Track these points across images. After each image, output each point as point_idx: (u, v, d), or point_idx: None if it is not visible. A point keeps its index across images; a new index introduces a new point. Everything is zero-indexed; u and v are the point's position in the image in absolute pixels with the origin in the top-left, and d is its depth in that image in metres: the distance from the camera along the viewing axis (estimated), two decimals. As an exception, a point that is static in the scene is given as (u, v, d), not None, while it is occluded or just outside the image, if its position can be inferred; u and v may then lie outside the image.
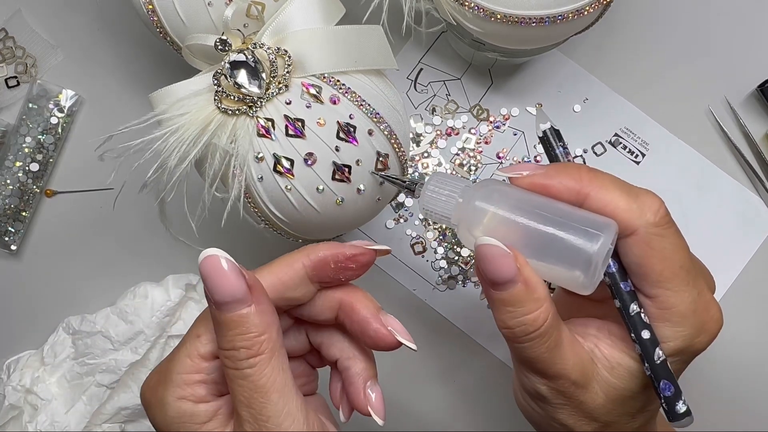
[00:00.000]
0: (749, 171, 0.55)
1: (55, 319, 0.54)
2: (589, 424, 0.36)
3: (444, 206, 0.35)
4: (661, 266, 0.33)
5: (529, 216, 0.33)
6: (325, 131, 0.38)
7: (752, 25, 0.56)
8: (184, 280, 0.53)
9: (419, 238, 0.55)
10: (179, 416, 0.32)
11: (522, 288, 0.33)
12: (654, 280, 0.33)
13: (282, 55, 0.39)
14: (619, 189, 0.33)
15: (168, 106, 0.39)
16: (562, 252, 0.32)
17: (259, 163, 0.38)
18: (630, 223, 0.33)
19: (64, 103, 0.56)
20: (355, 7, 0.43)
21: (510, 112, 0.56)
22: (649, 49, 0.56)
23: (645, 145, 0.56)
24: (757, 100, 0.56)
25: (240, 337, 0.30)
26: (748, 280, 0.54)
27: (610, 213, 0.33)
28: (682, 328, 0.34)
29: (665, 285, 0.33)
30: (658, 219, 0.33)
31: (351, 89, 0.39)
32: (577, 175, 0.34)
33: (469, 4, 0.43)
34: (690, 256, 0.34)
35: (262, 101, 0.38)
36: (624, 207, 0.33)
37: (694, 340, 0.34)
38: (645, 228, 0.32)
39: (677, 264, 0.33)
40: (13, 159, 0.55)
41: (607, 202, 0.33)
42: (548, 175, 0.34)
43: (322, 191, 0.39)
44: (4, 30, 0.57)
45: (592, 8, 0.43)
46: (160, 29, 0.44)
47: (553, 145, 0.37)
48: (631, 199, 0.33)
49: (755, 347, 0.55)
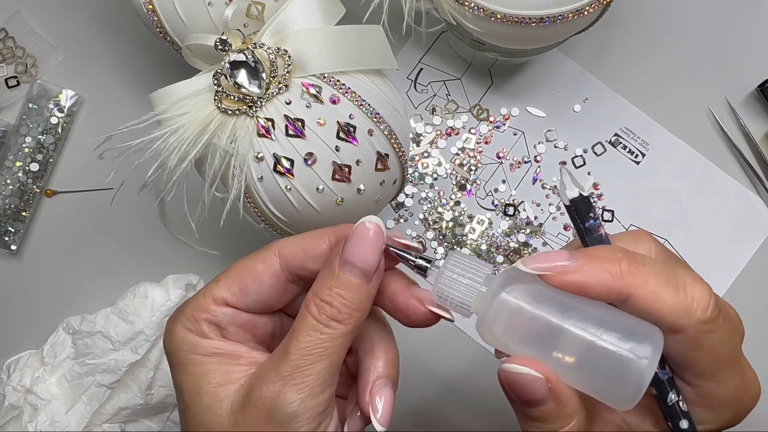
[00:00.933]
0: (749, 171, 0.55)
1: (55, 319, 0.54)
2: None
3: (464, 294, 0.31)
4: (709, 361, 0.30)
5: (564, 317, 0.29)
6: (325, 131, 0.38)
7: (752, 25, 0.56)
8: (184, 280, 0.53)
9: (419, 238, 0.55)
10: (182, 344, 0.33)
11: (553, 406, 0.30)
12: (699, 372, 0.31)
13: (282, 55, 0.39)
14: (665, 284, 0.29)
15: (168, 106, 0.39)
16: (602, 365, 0.29)
17: (259, 163, 0.38)
18: (678, 323, 0.29)
19: (64, 103, 0.56)
20: (355, 7, 0.43)
21: (510, 112, 0.56)
22: (649, 49, 0.56)
23: (645, 145, 0.56)
24: (757, 100, 0.56)
25: (341, 299, 0.31)
26: (748, 280, 0.54)
27: (656, 313, 0.29)
28: (722, 414, 0.32)
29: (711, 377, 0.31)
30: (708, 315, 0.29)
31: (351, 89, 0.39)
32: (617, 271, 0.29)
33: (469, 4, 0.43)
34: (736, 341, 0.32)
35: (262, 101, 0.38)
36: (671, 306, 0.29)
37: (732, 422, 0.32)
38: (694, 327, 0.29)
39: (726, 356, 0.31)
40: (13, 159, 0.55)
41: (652, 302, 0.29)
42: (584, 272, 0.29)
43: (322, 191, 0.39)
44: (4, 30, 0.57)
45: (592, 8, 0.43)
46: (160, 29, 0.44)
47: (584, 217, 0.32)
48: (679, 296, 0.29)
49: (755, 347, 0.55)
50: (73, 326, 0.53)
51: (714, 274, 0.55)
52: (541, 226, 0.55)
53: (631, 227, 0.55)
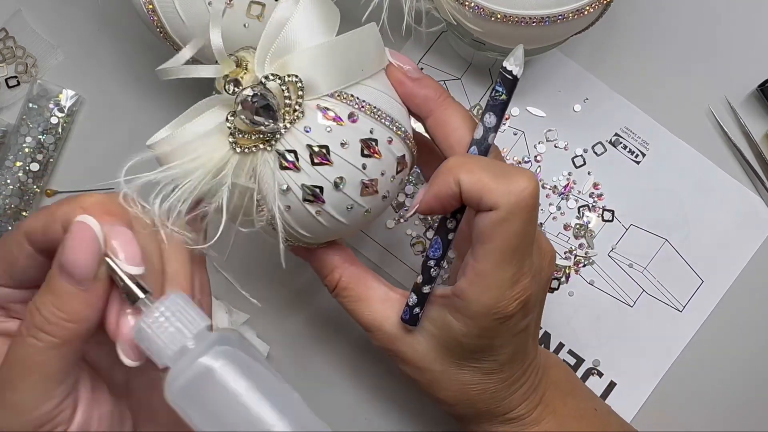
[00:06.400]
0: (749, 171, 0.55)
1: (55, 319, 0.54)
2: (418, 372, 0.42)
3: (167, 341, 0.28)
4: (501, 241, 0.36)
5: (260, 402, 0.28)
6: (350, 153, 0.37)
7: (752, 26, 0.56)
8: (184, 280, 0.52)
9: (419, 238, 0.55)
10: None
11: None
12: (488, 249, 0.37)
13: (292, 83, 0.36)
14: (489, 171, 0.36)
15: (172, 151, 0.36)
16: None
17: (285, 195, 0.37)
18: (496, 201, 0.35)
19: (64, 103, 0.56)
20: (355, 7, 0.43)
21: (510, 112, 0.56)
22: (650, 49, 0.56)
23: (645, 145, 0.56)
24: (757, 100, 0.56)
25: (51, 307, 0.28)
26: (748, 280, 0.54)
27: (480, 190, 0.36)
28: (486, 296, 0.37)
29: (492, 257, 0.37)
30: (521, 198, 0.35)
31: (366, 102, 0.38)
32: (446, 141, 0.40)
33: (469, 4, 0.43)
34: (529, 241, 0.37)
35: (281, 133, 0.36)
36: (492, 186, 0.36)
37: (490, 309, 0.38)
38: (507, 206, 0.35)
39: (514, 245, 0.36)
40: (14, 159, 0.55)
41: (475, 180, 0.36)
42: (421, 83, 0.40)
43: (351, 208, 0.38)
44: (5, 30, 0.57)
45: (592, 8, 0.43)
46: (160, 29, 0.44)
47: (507, 90, 0.38)
48: (500, 181, 0.36)
49: (755, 347, 0.55)
50: (73, 326, 0.53)
51: (714, 274, 0.55)
52: (542, 225, 0.55)
53: (632, 227, 0.55)
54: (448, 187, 0.37)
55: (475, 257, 0.37)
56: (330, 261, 0.42)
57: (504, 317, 0.38)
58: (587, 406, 0.46)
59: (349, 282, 0.42)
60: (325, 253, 0.43)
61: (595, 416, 0.46)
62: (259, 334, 0.53)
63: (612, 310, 0.54)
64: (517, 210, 0.35)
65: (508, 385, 0.42)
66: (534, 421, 0.43)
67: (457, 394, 0.42)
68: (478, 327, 0.38)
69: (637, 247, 0.55)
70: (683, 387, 0.54)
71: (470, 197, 0.36)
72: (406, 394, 0.54)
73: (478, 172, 0.36)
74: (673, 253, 0.55)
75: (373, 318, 0.42)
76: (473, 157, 0.39)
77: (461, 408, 0.42)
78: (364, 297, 0.42)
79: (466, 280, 0.38)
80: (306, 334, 0.55)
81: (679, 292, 0.54)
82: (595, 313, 0.54)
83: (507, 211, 0.35)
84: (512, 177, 0.36)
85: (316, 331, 0.55)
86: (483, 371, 0.41)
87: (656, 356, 0.54)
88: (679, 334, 0.54)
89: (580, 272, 0.55)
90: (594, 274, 0.55)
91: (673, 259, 0.55)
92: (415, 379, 0.42)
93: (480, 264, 0.37)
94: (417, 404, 0.54)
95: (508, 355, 0.40)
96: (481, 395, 0.41)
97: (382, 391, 0.54)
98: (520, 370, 0.42)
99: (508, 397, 0.42)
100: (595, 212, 0.55)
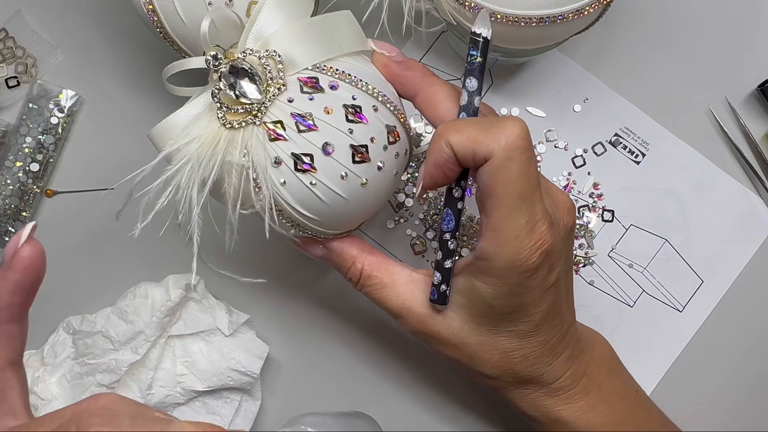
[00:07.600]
0: (749, 171, 0.55)
1: (55, 319, 0.54)
2: (456, 350, 0.42)
3: None
4: (504, 191, 0.37)
5: None
6: (335, 117, 0.38)
7: (752, 25, 0.56)
8: (184, 280, 0.53)
9: (419, 238, 0.55)
10: None
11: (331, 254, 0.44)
12: (494, 202, 0.37)
13: (272, 57, 0.39)
14: (477, 126, 0.37)
15: (173, 138, 0.39)
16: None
17: (278, 168, 0.38)
18: (488, 150, 0.36)
19: (64, 103, 0.56)
20: (355, 7, 0.43)
21: (510, 112, 0.56)
22: (650, 49, 0.56)
23: (645, 145, 0.56)
24: (757, 100, 0.56)
25: None
26: (748, 280, 0.55)
27: (471, 145, 0.36)
28: (503, 250, 0.38)
29: (501, 208, 0.37)
30: (511, 141, 0.36)
31: (346, 72, 0.39)
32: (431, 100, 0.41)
33: (469, 4, 0.43)
34: (533, 184, 0.37)
35: (265, 106, 0.38)
36: (482, 137, 0.36)
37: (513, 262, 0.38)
38: (501, 153, 0.36)
39: (518, 192, 0.37)
40: (13, 159, 0.55)
41: (464, 137, 0.37)
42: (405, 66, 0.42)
43: (346, 177, 0.39)
44: (4, 30, 0.57)
45: (592, 8, 0.43)
46: (160, 29, 0.44)
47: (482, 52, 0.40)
48: (489, 132, 0.36)
49: (755, 347, 0.55)
50: (73, 326, 0.53)
51: (714, 274, 0.55)
52: (541, 226, 0.55)
53: (632, 228, 0.55)
54: (442, 151, 0.37)
55: (487, 214, 0.38)
56: (349, 253, 0.43)
57: (528, 269, 0.38)
58: (630, 387, 0.46)
59: (372, 270, 0.43)
60: (342, 248, 0.44)
61: (636, 398, 0.46)
62: (259, 334, 0.53)
63: (612, 310, 0.54)
64: (510, 153, 0.36)
65: (548, 350, 0.41)
66: (579, 394, 0.43)
67: (499, 363, 0.42)
68: (507, 284, 0.38)
69: (637, 248, 0.55)
70: (683, 387, 0.54)
71: (464, 155, 0.37)
72: (406, 394, 0.54)
73: (466, 129, 0.37)
74: (673, 253, 0.55)
75: (401, 302, 0.42)
76: (459, 119, 0.40)
77: (505, 379, 0.42)
78: (389, 282, 0.43)
79: (485, 239, 0.38)
80: (306, 335, 0.55)
81: (679, 292, 0.54)
82: (595, 313, 0.54)
83: (501, 156, 0.36)
84: (499, 124, 0.37)
85: (316, 331, 0.55)
86: (519, 335, 0.41)
87: (656, 356, 0.54)
88: (679, 334, 0.54)
89: (580, 272, 0.55)
90: (594, 274, 0.55)
91: (673, 259, 0.55)
92: (454, 358, 0.42)
93: (492, 219, 0.37)
94: (418, 404, 0.54)
95: (542, 314, 0.40)
96: (523, 362, 0.41)
97: (383, 391, 0.54)
98: (559, 334, 0.41)
99: (550, 362, 0.42)
100: (595, 212, 0.55)
